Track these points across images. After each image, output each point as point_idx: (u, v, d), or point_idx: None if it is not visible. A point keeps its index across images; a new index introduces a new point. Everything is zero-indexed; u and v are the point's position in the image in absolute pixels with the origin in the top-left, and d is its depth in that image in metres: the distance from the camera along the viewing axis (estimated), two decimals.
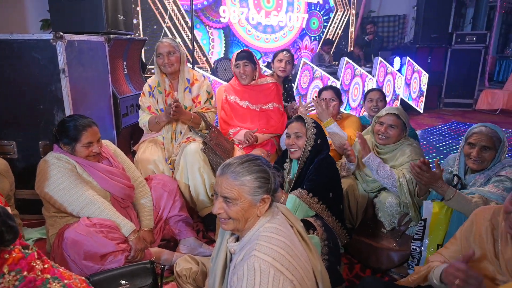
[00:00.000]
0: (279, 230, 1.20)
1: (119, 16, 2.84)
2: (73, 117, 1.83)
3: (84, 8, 2.62)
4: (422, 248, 1.81)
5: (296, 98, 4.16)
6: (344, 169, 2.30)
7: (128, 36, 3.01)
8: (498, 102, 6.73)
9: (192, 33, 3.57)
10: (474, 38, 6.68)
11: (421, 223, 1.78)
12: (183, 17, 4.90)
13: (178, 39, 4.93)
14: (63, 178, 1.75)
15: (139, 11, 4.47)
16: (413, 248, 1.83)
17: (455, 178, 1.87)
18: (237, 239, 1.31)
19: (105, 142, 2.03)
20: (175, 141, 2.42)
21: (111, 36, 2.68)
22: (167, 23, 4.64)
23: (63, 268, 1.17)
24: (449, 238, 1.70)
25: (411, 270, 1.81)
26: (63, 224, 1.80)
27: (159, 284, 1.67)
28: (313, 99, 2.61)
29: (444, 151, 4.44)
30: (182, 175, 2.34)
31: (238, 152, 2.49)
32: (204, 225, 2.40)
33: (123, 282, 1.57)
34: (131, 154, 3.02)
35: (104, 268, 1.68)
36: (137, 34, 4.43)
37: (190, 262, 1.56)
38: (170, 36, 4.79)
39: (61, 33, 2.14)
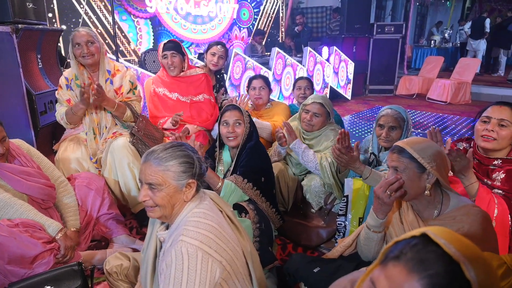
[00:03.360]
0: (206, 215, 1.22)
1: (27, 4, 2.60)
2: None
3: None
4: (347, 223, 1.95)
5: (230, 89, 4.18)
6: (275, 154, 2.38)
7: (41, 26, 2.77)
8: (415, 87, 7.40)
9: (113, 19, 3.34)
10: (392, 29, 7.23)
11: (344, 200, 1.92)
12: (105, 5, 4.62)
13: (100, 28, 4.65)
14: None
15: None
16: (338, 224, 1.96)
17: (372, 156, 2.04)
18: (167, 228, 1.30)
19: (17, 142, 1.87)
20: (100, 137, 2.31)
21: (20, 26, 2.45)
22: (86, 11, 4.34)
23: None
24: (368, 211, 1.87)
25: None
26: None
27: (90, 285, 1.60)
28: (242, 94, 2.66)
29: (370, 133, 4.78)
30: (111, 172, 2.24)
31: None
32: (138, 221, 2.33)
33: None
34: (53, 154, 2.81)
35: (32, 273, 1.57)
36: (53, 23, 4.09)
37: (120, 259, 1.52)
38: (91, 25, 4.50)
39: None
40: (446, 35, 11.91)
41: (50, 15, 4.04)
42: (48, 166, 1.92)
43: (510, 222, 1.48)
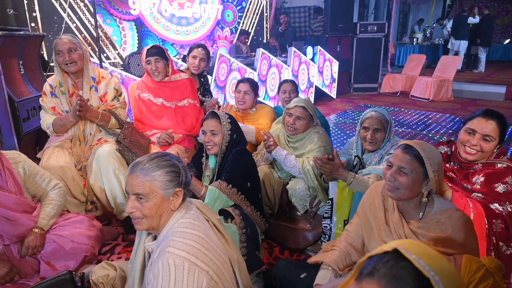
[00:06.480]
0: (193, 225, 1.24)
1: (8, 10, 2.56)
2: None
3: None
4: (332, 225, 1.99)
5: (215, 91, 4.18)
6: (262, 159, 2.41)
7: (22, 32, 2.73)
8: (398, 85, 7.52)
9: (95, 21, 3.29)
10: (375, 28, 7.33)
11: (329, 203, 1.96)
12: (88, 9, 4.56)
13: (84, 32, 4.59)
14: None
15: (36, 3, 4.04)
16: (324, 226, 2.01)
17: (356, 159, 2.08)
18: (155, 238, 1.32)
19: (12, 154, 1.84)
20: (85, 144, 2.29)
21: (0, 32, 2.41)
22: (69, 15, 4.28)
23: None
24: (353, 213, 1.91)
25: None
26: None
27: None
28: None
29: (355, 132, 4.85)
30: (96, 179, 2.24)
31: (155, 150, 2.44)
32: (124, 228, 2.33)
33: None
34: (37, 161, 2.78)
35: None
36: (35, 28, 4.02)
37: (106, 269, 1.53)
38: (74, 30, 4.44)
39: None
40: (427, 32, 12.12)
41: (32, 24, 3.97)
42: (42, 179, 1.88)
43: (486, 226, 1.53)
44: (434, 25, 12.77)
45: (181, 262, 1.11)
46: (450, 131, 4.87)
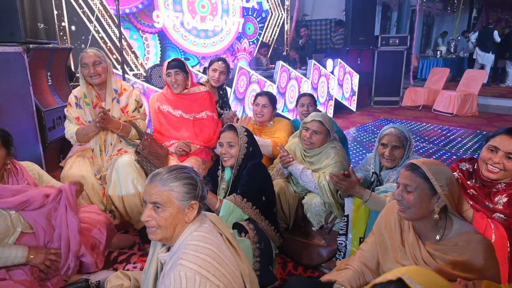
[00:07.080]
0: (206, 238, 1.26)
1: (39, 24, 2.69)
2: None
3: None
4: (347, 242, 1.96)
5: (234, 103, 4.23)
6: (278, 173, 2.41)
7: (51, 45, 2.86)
8: (420, 99, 7.38)
9: (119, 31, 3.39)
10: (397, 41, 7.26)
11: (344, 219, 1.94)
12: (114, 22, 4.73)
13: (109, 43, 4.75)
14: None
15: (65, 16, 4.23)
16: (339, 243, 1.98)
17: (373, 175, 2.05)
18: (168, 249, 1.34)
19: (26, 164, 1.91)
20: (105, 154, 2.36)
21: (31, 46, 2.53)
22: (96, 27, 4.45)
23: None
24: (369, 231, 1.88)
25: None
26: None
27: None
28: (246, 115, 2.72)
29: (374, 146, 4.78)
30: (115, 189, 2.29)
31: (173, 161, 2.48)
32: (140, 237, 2.36)
33: None
34: (61, 170, 2.87)
35: None
36: (64, 39, 4.19)
37: (121, 278, 1.56)
38: (99, 41, 4.61)
39: None
40: (451, 45, 11.89)
41: (61, 33, 4.16)
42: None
43: (509, 249, 1.47)
44: (459, 37, 12.52)
45: (193, 275, 1.13)
46: (475, 147, 4.73)
